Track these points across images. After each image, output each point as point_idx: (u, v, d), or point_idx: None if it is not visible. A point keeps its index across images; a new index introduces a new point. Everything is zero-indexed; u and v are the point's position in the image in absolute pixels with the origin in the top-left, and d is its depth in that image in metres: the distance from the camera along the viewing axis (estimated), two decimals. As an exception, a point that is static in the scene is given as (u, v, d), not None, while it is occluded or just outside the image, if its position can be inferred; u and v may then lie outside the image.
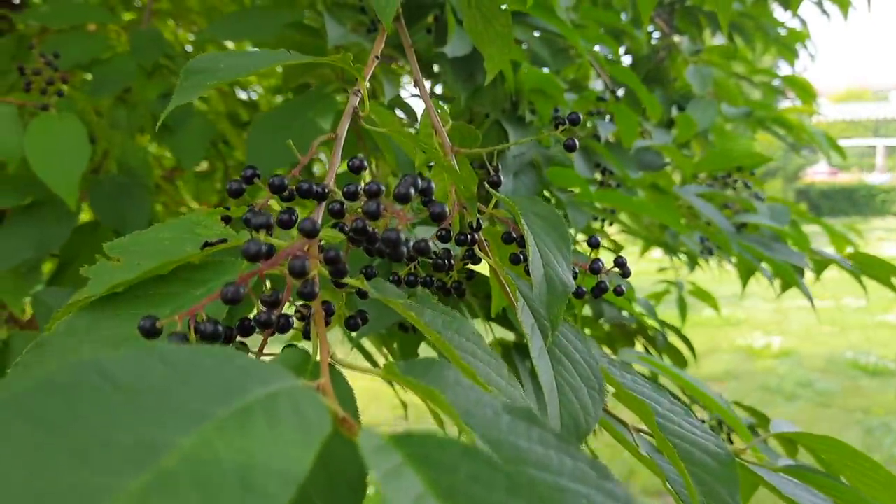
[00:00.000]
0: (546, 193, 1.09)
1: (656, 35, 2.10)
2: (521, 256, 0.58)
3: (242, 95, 1.88)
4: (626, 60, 2.39)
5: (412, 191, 0.36)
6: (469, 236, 0.54)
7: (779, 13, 2.21)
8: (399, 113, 1.27)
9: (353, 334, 0.97)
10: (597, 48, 1.36)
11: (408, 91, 1.65)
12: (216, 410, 0.20)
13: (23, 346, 0.87)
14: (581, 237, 1.56)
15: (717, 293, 2.18)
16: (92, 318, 0.37)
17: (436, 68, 1.20)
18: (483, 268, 0.63)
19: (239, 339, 0.43)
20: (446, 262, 0.54)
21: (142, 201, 0.96)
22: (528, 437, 0.33)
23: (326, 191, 0.42)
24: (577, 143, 0.58)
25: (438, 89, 1.43)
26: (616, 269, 0.59)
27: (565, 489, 0.31)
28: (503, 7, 0.67)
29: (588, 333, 1.60)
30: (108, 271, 0.38)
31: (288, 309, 0.44)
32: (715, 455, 0.50)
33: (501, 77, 1.08)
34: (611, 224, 1.37)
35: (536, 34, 1.15)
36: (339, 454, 0.32)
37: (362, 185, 0.38)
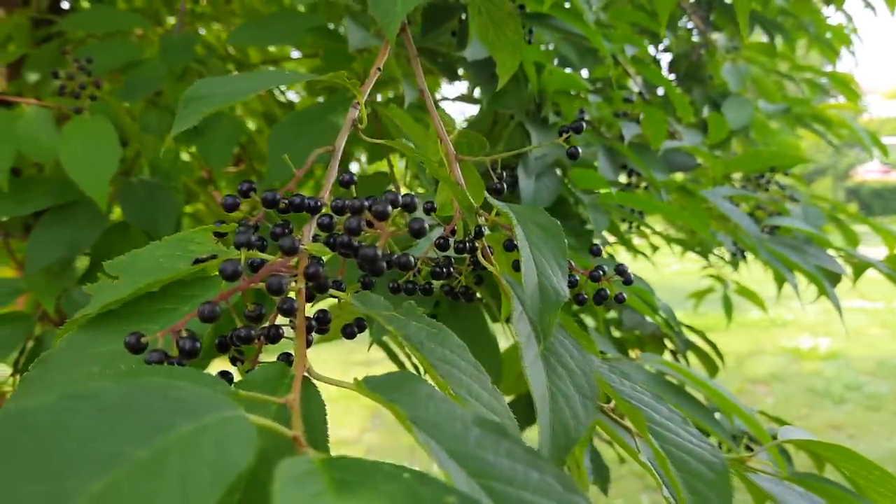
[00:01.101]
0: (569, 195, 1.09)
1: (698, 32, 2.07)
2: (525, 264, 0.59)
3: (285, 96, 1.91)
4: (666, 58, 2.37)
5: (390, 209, 0.37)
6: (468, 244, 0.55)
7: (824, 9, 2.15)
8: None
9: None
10: (629, 49, 1.35)
11: (439, 94, 1.65)
12: (133, 453, 0.21)
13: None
14: (612, 238, 1.55)
15: (762, 294, 2.13)
16: (90, 334, 0.39)
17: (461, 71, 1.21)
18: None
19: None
20: (444, 269, 0.55)
21: (171, 203, 0.98)
22: (496, 451, 0.34)
23: (319, 204, 0.43)
24: (580, 151, 0.58)
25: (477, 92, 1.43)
26: (618, 277, 0.59)
27: (528, 502, 0.31)
28: (513, 12, 0.67)
29: (617, 336, 1.59)
30: (107, 289, 0.40)
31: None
32: (710, 464, 0.50)
33: (525, 79, 1.08)
34: (637, 227, 1.36)
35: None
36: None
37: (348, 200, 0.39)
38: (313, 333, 0.43)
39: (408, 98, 0.89)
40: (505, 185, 0.60)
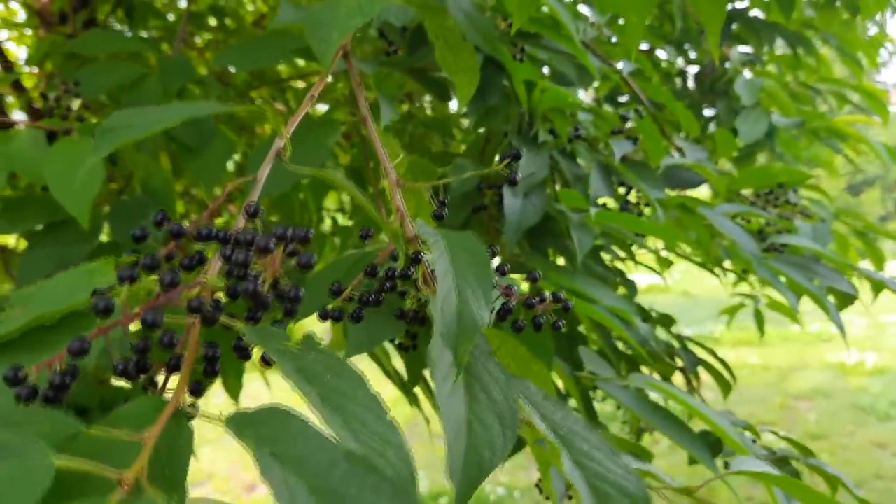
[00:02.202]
0: (557, 214, 1.08)
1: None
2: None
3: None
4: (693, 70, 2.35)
5: (271, 244, 0.37)
6: (399, 272, 0.56)
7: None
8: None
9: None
10: (626, 65, 1.34)
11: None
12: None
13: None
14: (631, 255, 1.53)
15: (806, 308, 2.08)
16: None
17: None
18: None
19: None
20: (372, 297, 0.55)
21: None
22: (361, 485, 0.34)
23: (227, 236, 0.44)
24: (519, 177, 0.58)
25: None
26: (557, 305, 0.58)
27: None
28: (468, 42, 0.68)
29: (631, 354, 1.57)
30: (9, 321, 0.41)
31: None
32: (632, 496, 0.50)
33: (515, 97, 1.08)
34: (630, 246, 1.34)
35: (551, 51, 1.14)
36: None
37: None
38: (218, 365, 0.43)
39: (385, 117, 0.90)
40: (445, 212, 0.60)
